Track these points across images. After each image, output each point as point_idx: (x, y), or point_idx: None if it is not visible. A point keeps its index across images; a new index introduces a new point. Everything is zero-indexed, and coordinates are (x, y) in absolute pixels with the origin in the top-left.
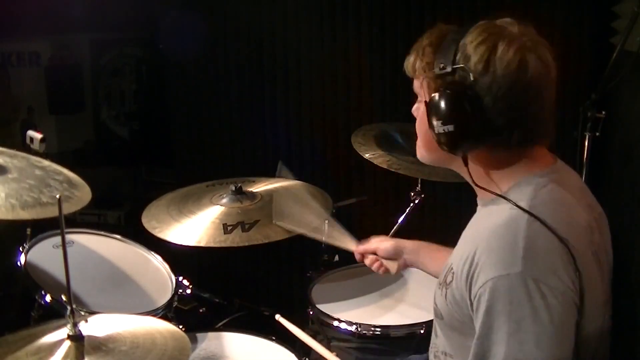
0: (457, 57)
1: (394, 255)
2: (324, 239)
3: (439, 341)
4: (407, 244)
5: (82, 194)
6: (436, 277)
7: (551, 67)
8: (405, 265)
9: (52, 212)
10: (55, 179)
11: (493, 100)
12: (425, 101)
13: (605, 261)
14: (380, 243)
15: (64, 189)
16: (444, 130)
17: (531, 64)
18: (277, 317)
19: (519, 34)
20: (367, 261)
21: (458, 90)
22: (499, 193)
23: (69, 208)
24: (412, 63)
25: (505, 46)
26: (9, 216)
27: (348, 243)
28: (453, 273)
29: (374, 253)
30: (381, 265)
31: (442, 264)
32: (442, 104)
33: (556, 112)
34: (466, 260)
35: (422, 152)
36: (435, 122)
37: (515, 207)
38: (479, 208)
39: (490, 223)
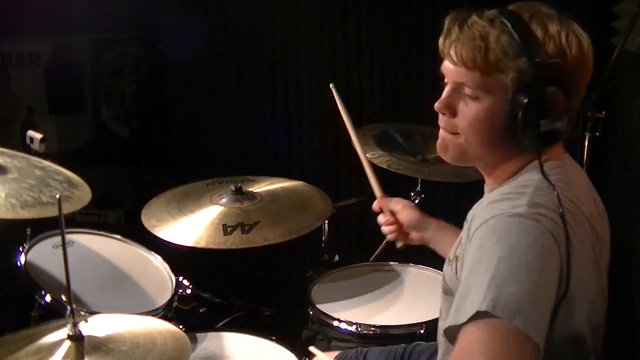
0: (550, 48)
1: (413, 227)
2: (363, 158)
3: (443, 323)
4: (434, 223)
5: (82, 194)
6: None
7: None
8: (421, 241)
9: (52, 211)
10: (55, 179)
11: (577, 92)
12: (510, 97)
13: (600, 254)
14: (405, 209)
15: (64, 189)
16: (552, 128)
17: (590, 54)
18: (312, 349)
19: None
20: (381, 218)
21: (560, 83)
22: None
23: (69, 208)
24: (482, 55)
25: (582, 33)
26: (9, 215)
27: (375, 185)
28: (462, 245)
29: (394, 214)
30: (394, 231)
31: None
32: (550, 101)
33: None
34: (472, 224)
35: (471, 150)
36: (542, 122)
37: (529, 181)
38: (488, 194)
39: (500, 191)
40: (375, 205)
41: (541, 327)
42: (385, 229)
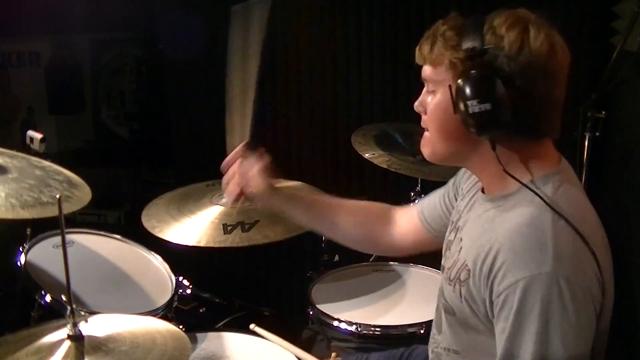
0: (487, 38)
1: (258, 197)
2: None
3: (442, 337)
4: (283, 191)
5: (82, 194)
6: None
7: (569, 57)
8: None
9: (52, 211)
10: (55, 179)
11: (526, 83)
12: (452, 85)
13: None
14: (256, 177)
15: (64, 189)
16: (480, 109)
17: (559, 49)
18: (252, 326)
19: (542, 21)
20: (229, 173)
21: (493, 69)
22: (526, 184)
23: (69, 208)
24: (429, 49)
25: (535, 30)
26: (9, 215)
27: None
28: (469, 271)
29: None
30: (235, 192)
31: (320, 219)
32: (478, 83)
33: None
34: (485, 258)
35: (436, 145)
36: (469, 103)
37: (535, 202)
38: (482, 203)
39: (509, 221)
40: (225, 164)
41: None
42: (227, 188)
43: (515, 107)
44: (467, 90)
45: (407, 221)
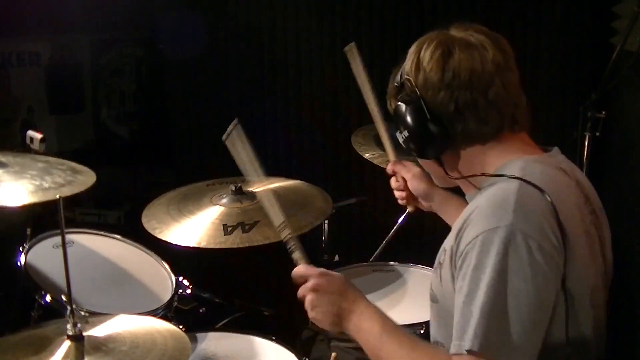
0: (402, 72)
1: (422, 198)
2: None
3: (433, 331)
4: (437, 195)
5: (85, 178)
6: None
7: (489, 53)
8: (429, 209)
9: (53, 194)
10: (58, 168)
11: (433, 94)
12: None
13: (600, 253)
14: (414, 178)
15: (66, 175)
16: (403, 137)
17: (456, 51)
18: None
19: (457, 33)
20: (393, 182)
21: (405, 97)
22: (489, 173)
23: (72, 190)
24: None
25: (427, 44)
26: (11, 203)
27: (389, 148)
28: (445, 251)
29: (404, 181)
30: (405, 198)
31: None
32: (397, 114)
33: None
34: (458, 231)
35: (432, 176)
36: (397, 134)
37: (505, 181)
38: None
39: (482, 197)
40: (389, 169)
41: (530, 354)
42: (396, 193)
43: (433, 123)
44: (396, 124)
45: None
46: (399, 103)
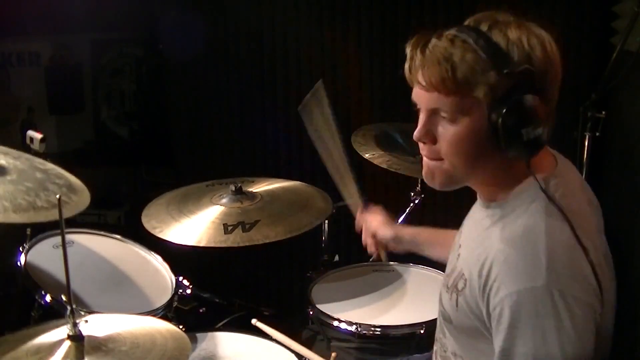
0: (517, 57)
1: (393, 241)
2: (336, 175)
3: (448, 342)
4: (406, 236)
5: (80, 199)
6: (436, 259)
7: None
8: (401, 250)
9: (45, 216)
10: (55, 182)
11: (552, 92)
12: (491, 112)
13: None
14: (380, 228)
15: (63, 193)
16: (535, 135)
17: (555, 50)
18: (254, 321)
19: (532, 26)
20: (363, 233)
21: (535, 88)
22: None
23: (64, 213)
24: (448, 74)
25: (547, 36)
26: (0, 219)
27: (356, 200)
28: (465, 280)
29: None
30: (373, 246)
31: (442, 248)
32: (530, 107)
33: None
34: (481, 269)
35: (456, 174)
36: (524, 131)
37: (529, 210)
38: (479, 209)
39: (504, 231)
40: (358, 226)
41: None
42: (367, 244)
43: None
44: (519, 116)
45: None
46: (528, 94)
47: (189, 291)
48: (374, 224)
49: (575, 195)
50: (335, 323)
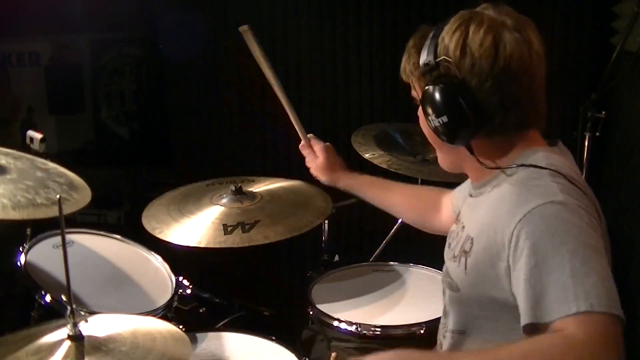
0: (438, 50)
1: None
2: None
3: (449, 320)
4: (346, 181)
5: (80, 197)
6: (378, 206)
7: (534, 44)
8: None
9: (44, 213)
10: (56, 181)
11: (479, 82)
12: (419, 101)
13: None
14: (317, 172)
15: (63, 191)
16: (439, 122)
17: (507, 39)
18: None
19: (495, 15)
20: (312, 157)
21: (444, 80)
22: (520, 163)
23: (64, 209)
24: (403, 68)
25: (475, 27)
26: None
27: (300, 129)
28: (472, 239)
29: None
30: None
31: (383, 192)
32: (432, 97)
33: (554, 106)
34: (492, 215)
35: (441, 157)
36: (430, 119)
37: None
38: (476, 190)
39: (507, 185)
40: (305, 145)
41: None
42: (313, 165)
43: (479, 107)
44: (428, 106)
45: (447, 206)
46: (437, 86)
47: (189, 291)
48: (311, 164)
49: (571, 164)
50: (335, 323)
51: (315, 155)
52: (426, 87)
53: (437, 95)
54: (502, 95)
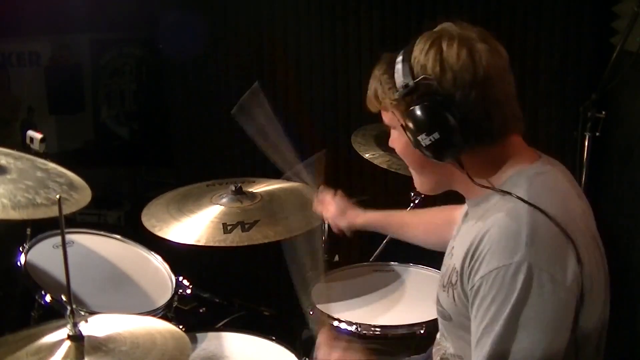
0: (415, 71)
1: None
2: (287, 168)
3: (448, 344)
4: (369, 221)
5: (80, 197)
6: (407, 241)
7: (501, 52)
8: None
9: (44, 213)
10: (56, 181)
11: (464, 94)
12: (402, 124)
13: (602, 249)
14: (334, 220)
15: (63, 191)
16: (430, 140)
17: (480, 50)
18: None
19: (460, 30)
20: (327, 209)
21: (427, 98)
22: (499, 188)
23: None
24: (373, 96)
25: (448, 42)
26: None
27: (312, 187)
28: (457, 272)
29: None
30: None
31: (412, 229)
32: (420, 117)
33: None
34: (466, 254)
35: (421, 181)
36: (420, 138)
37: (513, 198)
38: (468, 209)
39: (490, 217)
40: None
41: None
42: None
43: (466, 120)
44: (414, 127)
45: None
46: (422, 104)
47: (189, 291)
48: (327, 215)
49: (557, 180)
50: (335, 323)
51: (328, 208)
52: (411, 108)
53: (425, 113)
54: (486, 103)
